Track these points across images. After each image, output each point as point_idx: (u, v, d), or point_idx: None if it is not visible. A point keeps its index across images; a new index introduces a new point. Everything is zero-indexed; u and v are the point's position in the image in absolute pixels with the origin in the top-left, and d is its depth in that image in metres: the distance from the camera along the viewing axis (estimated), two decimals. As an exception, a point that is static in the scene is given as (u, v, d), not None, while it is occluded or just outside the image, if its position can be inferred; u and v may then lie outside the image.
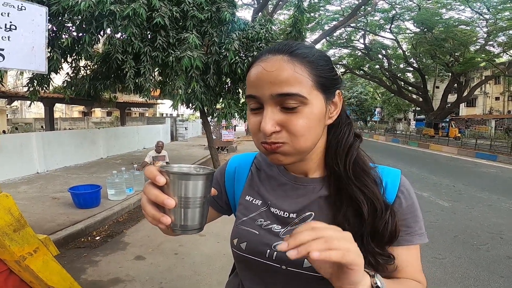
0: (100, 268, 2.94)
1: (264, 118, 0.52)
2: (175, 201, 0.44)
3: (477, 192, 6.03)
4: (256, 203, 0.66)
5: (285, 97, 0.51)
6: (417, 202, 0.62)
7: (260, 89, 0.52)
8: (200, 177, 0.46)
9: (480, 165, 10.10)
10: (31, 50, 1.74)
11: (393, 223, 0.55)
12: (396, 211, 0.57)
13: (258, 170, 0.70)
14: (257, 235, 0.62)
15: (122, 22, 5.11)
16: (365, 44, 22.51)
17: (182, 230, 0.46)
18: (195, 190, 0.45)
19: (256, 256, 0.61)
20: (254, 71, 0.54)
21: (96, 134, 9.20)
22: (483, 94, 29.49)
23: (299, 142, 0.52)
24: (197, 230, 0.48)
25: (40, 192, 5.20)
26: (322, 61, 0.55)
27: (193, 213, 0.46)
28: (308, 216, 0.60)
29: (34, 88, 6.11)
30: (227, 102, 6.38)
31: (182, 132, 16.61)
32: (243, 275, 0.68)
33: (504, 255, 3.24)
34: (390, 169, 0.63)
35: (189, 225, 0.46)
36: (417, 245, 0.60)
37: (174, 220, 0.45)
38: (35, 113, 22.64)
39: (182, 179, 0.45)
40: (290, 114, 0.52)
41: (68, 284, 1.58)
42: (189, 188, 0.45)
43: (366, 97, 39.70)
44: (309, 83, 0.52)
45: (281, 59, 0.52)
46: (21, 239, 1.43)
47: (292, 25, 6.73)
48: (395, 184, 0.60)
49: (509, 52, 17.42)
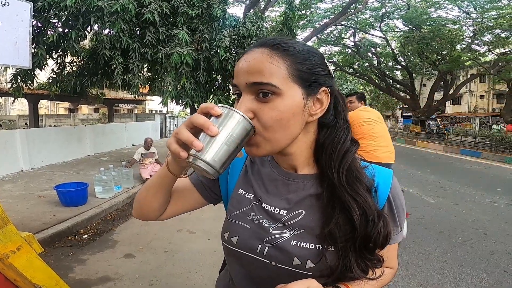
0: (88, 267, 2.90)
1: (238, 104, 0.54)
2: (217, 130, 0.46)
3: (462, 188, 6.19)
4: (248, 197, 0.66)
5: (258, 86, 0.52)
6: (404, 203, 0.64)
7: (239, 78, 0.55)
8: (246, 122, 0.48)
9: (464, 161, 10.37)
10: (14, 45, 1.70)
11: (385, 231, 0.56)
12: (386, 212, 0.60)
13: (252, 164, 0.70)
14: (248, 230, 0.62)
15: (110, 18, 5.03)
16: (355, 42, 22.68)
17: (200, 162, 0.46)
18: (235, 130, 0.47)
19: (247, 251, 0.61)
20: (238, 63, 0.57)
21: (82, 131, 9.02)
22: (468, 92, 30.21)
23: (269, 133, 0.53)
24: (213, 171, 0.47)
25: (25, 191, 5.08)
26: (307, 55, 0.55)
27: (221, 150, 0.46)
28: (298, 213, 0.60)
29: (18, 85, 5.97)
30: (218, 99, 6.37)
31: (172, 129, 16.48)
32: (233, 270, 0.68)
33: (487, 251, 3.32)
34: (382, 169, 0.64)
35: (210, 160, 0.46)
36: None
37: (202, 149, 0.46)
38: (19, 110, 22.06)
39: (232, 115, 0.47)
40: (263, 103, 0.52)
41: (53, 281, 1.56)
42: (233, 126, 0.47)
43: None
44: (284, 74, 0.52)
45: (261, 51, 0.54)
46: (4, 236, 1.39)
47: (283, 22, 6.76)
48: (387, 185, 0.62)
49: (494, 51, 17.85)
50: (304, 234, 0.59)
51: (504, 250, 3.35)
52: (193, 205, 0.74)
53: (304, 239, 0.58)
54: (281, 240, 0.59)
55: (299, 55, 0.54)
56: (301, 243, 0.58)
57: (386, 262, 0.62)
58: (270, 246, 0.59)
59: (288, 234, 0.59)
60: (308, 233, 0.59)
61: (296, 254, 0.57)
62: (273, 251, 0.59)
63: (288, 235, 0.59)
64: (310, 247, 0.57)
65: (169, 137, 0.50)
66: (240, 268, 0.65)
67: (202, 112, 0.49)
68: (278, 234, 0.60)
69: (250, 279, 0.64)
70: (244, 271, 0.64)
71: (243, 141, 0.49)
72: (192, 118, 0.48)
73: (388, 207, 0.61)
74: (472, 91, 29.89)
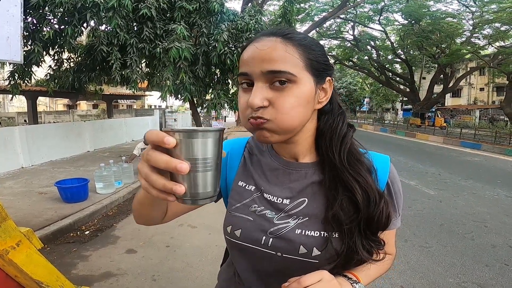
0: (91, 263, 2.91)
1: (253, 92, 0.53)
2: (188, 164, 0.38)
3: (462, 181, 6.20)
4: (249, 189, 0.65)
5: (275, 74, 0.52)
6: (401, 189, 0.66)
7: (251, 66, 0.53)
8: (210, 134, 0.40)
9: (465, 153, 10.37)
10: (6, 40, 1.69)
11: (387, 211, 0.57)
12: (387, 196, 0.60)
13: (251, 155, 0.70)
14: (251, 222, 0.62)
15: (107, 14, 4.98)
16: (354, 36, 22.56)
17: (192, 200, 0.41)
18: (205, 150, 0.40)
19: (251, 244, 0.61)
20: (247, 51, 0.55)
21: (82, 127, 9.00)
22: (468, 85, 30.12)
23: (284, 120, 0.53)
24: (210, 198, 0.42)
25: (26, 187, 5.09)
26: (315, 46, 0.57)
27: (204, 178, 0.40)
28: (301, 202, 0.61)
29: (15, 82, 5.93)
30: (217, 93, 6.34)
31: (171, 124, 16.40)
32: (238, 264, 0.67)
33: (488, 244, 3.33)
34: (380, 155, 0.66)
35: (201, 192, 0.41)
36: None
37: (186, 191, 0.40)
38: (18, 107, 21.97)
39: (192, 137, 0.39)
40: (279, 91, 0.53)
41: (54, 277, 1.55)
42: (199, 148, 0.39)
43: (355, 88, 40.01)
44: (299, 64, 0.53)
45: (274, 40, 0.53)
46: (2, 232, 1.38)
47: (282, 15, 6.69)
48: (386, 171, 0.63)
49: (494, 44, 17.74)
50: (308, 222, 0.59)
51: (505, 243, 3.36)
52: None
53: (309, 227, 0.59)
54: (285, 230, 0.59)
55: (309, 45, 0.55)
56: (306, 231, 0.58)
57: (386, 248, 0.64)
58: (275, 237, 0.59)
59: (292, 223, 0.59)
60: (312, 220, 0.59)
61: (302, 243, 0.58)
62: (278, 241, 0.59)
63: (292, 224, 0.59)
64: (315, 234, 0.58)
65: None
66: (245, 261, 0.65)
67: (154, 146, 0.39)
68: (282, 224, 0.60)
69: (256, 272, 0.64)
70: (250, 264, 0.64)
71: (220, 149, 0.42)
72: (151, 161, 0.39)
73: (387, 191, 0.63)
74: (472, 84, 29.80)
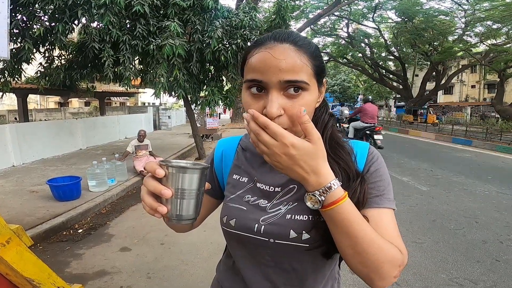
0: (85, 261, 2.90)
1: (270, 102, 0.54)
2: (172, 191, 0.49)
3: (454, 177, 6.28)
4: (243, 181, 0.70)
5: (292, 83, 0.54)
6: (387, 171, 0.67)
7: (267, 75, 0.54)
8: (196, 170, 0.50)
9: (456, 150, 10.51)
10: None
11: (362, 189, 0.60)
12: (366, 177, 0.63)
13: (244, 151, 0.74)
14: (245, 211, 0.65)
15: (98, 11, 4.91)
16: (349, 33, 22.63)
17: (177, 220, 0.51)
18: (191, 182, 0.50)
19: (245, 232, 0.64)
20: (259, 57, 0.56)
21: (74, 124, 8.89)
22: (460, 82, 30.50)
23: (296, 126, 0.54)
24: (191, 220, 0.53)
25: (17, 186, 5.02)
26: (317, 51, 0.59)
27: (188, 204, 0.51)
28: (291, 188, 0.65)
29: (5, 79, 5.83)
30: (211, 90, 6.31)
31: (165, 121, 16.29)
32: (235, 253, 0.71)
33: (479, 240, 3.38)
34: (360, 142, 0.71)
35: (184, 215, 0.51)
36: (388, 210, 0.61)
37: (170, 210, 0.50)
38: (8, 105, 21.59)
39: (180, 172, 0.49)
40: (292, 99, 0.55)
41: (45, 275, 1.53)
42: (186, 180, 0.50)
43: (349, 85, 40.22)
44: (310, 72, 0.56)
45: (288, 48, 0.55)
46: (-8, 229, 1.37)
47: (276, 12, 6.65)
48: (364, 153, 0.67)
49: (486, 42, 17.95)
50: (297, 207, 0.62)
51: (496, 239, 3.41)
52: (211, 209, 0.80)
53: (298, 211, 0.62)
54: (277, 217, 0.63)
55: (314, 51, 0.58)
56: (295, 216, 0.62)
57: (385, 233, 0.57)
58: (267, 224, 0.63)
59: (283, 209, 0.63)
60: (301, 205, 0.61)
61: (291, 227, 0.61)
62: (270, 227, 0.62)
63: (283, 210, 0.63)
64: (304, 218, 0.61)
65: (163, 128, 0.51)
66: (242, 251, 0.68)
67: (151, 175, 0.51)
68: (275, 212, 0.63)
69: (251, 260, 0.67)
70: (245, 253, 0.68)
71: (202, 183, 0.52)
72: (146, 185, 0.51)
73: (366, 170, 0.65)
74: (464, 81, 30.19)
